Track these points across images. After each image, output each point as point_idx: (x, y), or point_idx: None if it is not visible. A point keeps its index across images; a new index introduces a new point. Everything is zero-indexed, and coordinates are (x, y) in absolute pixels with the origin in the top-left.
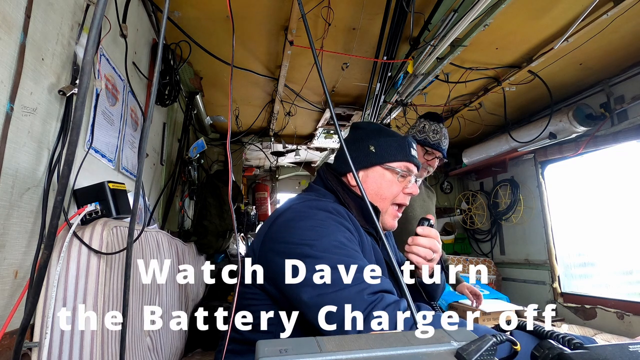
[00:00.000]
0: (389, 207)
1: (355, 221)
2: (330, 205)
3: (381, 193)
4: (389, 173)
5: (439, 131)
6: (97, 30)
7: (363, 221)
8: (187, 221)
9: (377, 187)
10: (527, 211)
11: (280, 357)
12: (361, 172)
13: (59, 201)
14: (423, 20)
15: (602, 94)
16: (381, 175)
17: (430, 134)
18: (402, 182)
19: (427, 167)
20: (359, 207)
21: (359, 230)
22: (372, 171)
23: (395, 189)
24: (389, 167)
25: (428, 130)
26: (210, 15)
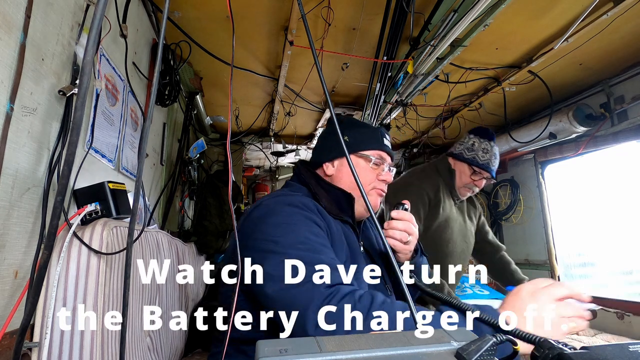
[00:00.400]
0: (370, 189)
1: (325, 212)
2: (299, 199)
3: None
4: (363, 161)
5: (489, 150)
6: (97, 30)
7: (337, 210)
8: (187, 221)
9: (351, 175)
10: (527, 211)
11: (280, 357)
12: (336, 161)
13: (59, 201)
14: (423, 20)
15: (602, 94)
16: (355, 164)
17: (480, 152)
18: (376, 170)
19: (472, 186)
20: (333, 197)
21: (327, 221)
22: (346, 160)
23: (369, 176)
24: (363, 155)
25: (477, 148)
26: (210, 15)
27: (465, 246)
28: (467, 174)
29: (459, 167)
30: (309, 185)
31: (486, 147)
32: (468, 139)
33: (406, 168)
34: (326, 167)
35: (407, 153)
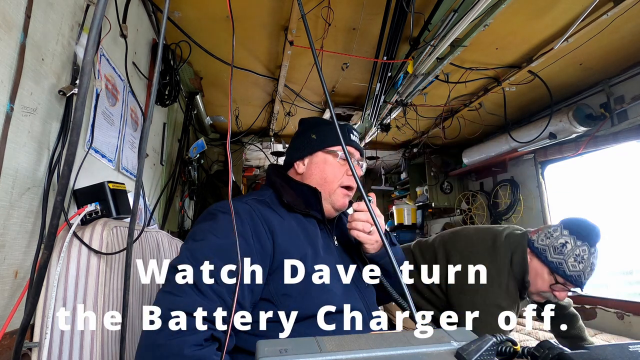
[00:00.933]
0: (336, 189)
1: (274, 211)
2: (237, 205)
3: (325, 176)
4: (331, 157)
5: (585, 258)
6: (97, 30)
7: (303, 206)
8: (187, 221)
9: (320, 172)
10: (527, 211)
11: (280, 357)
12: (306, 159)
13: (59, 201)
14: (423, 20)
15: (602, 94)
16: (323, 160)
17: (571, 259)
18: (345, 165)
19: (549, 296)
20: (299, 194)
21: (270, 219)
22: (315, 157)
23: (338, 172)
24: (330, 151)
25: (569, 252)
26: (210, 15)
27: None
28: (546, 281)
29: (536, 268)
30: (275, 185)
31: (582, 254)
32: (559, 234)
33: (406, 168)
34: (297, 165)
35: (407, 153)
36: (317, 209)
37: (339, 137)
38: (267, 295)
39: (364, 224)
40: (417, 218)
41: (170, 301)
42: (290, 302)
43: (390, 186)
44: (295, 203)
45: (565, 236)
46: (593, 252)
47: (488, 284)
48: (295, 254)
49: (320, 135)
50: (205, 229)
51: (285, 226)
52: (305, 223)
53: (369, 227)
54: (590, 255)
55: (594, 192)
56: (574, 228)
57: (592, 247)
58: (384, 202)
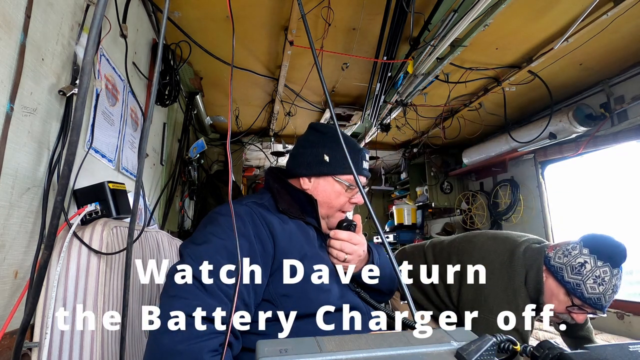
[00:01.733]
0: (335, 213)
1: (274, 215)
2: (238, 208)
3: (329, 202)
4: (339, 186)
5: (607, 281)
6: (97, 30)
7: (298, 212)
8: (187, 221)
9: (326, 196)
10: (527, 211)
11: (280, 357)
12: (313, 178)
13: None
14: (423, 20)
15: (602, 94)
16: (331, 186)
17: (590, 281)
18: (349, 193)
19: (567, 318)
20: (296, 200)
21: (271, 222)
22: (323, 180)
23: (342, 199)
24: (339, 180)
25: (588, 273)
26: (210, 15)
27: None
28: (563, 302)
29: (552, 288)
30: (272, 190)
31: (603, 276)
32: (578, 252)
33: (406, 168)
34: (302, 181)
35: (407, 153)
36: (313, 216)
37: (352, 165)
38: (267, 296)
39: (338, 252)
40: (417, 218)
41: (182, 305)
42: (290, 303)
43: (390, 186)
44: (290, 210)
45: (584, 255)
46: (616, 273)
47: (505, 304)
48: (295, 255)
49: (333, 159)
50: (207, 232)
51: (286, 229)
52: (304, 227)
53: (343, 255)
54: (613, 277)
55: (594, 192)
56: (595, 246)
57: (615, 268)
58: (384, 202)
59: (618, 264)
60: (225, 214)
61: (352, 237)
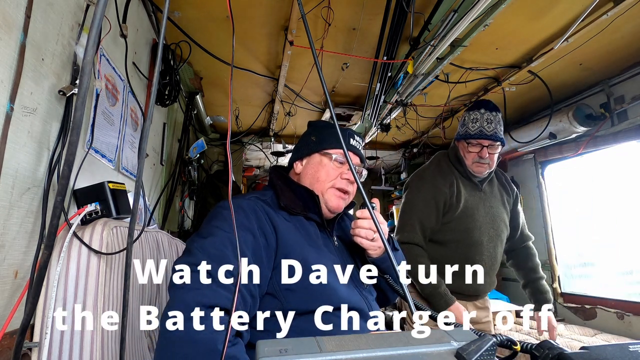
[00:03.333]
0: (327, 189)
1: (275, 211)
2: (240, 202)
3: (317, 176)
4: (326, 159)
5: (478, 118)
6: (97, 30)
7: (301, 208)
8: (187, 221)
9: (314, 172)
10: (527, 211)
11: (280, 357)
12: (304, 159)
13: (59, 201)
14: (423, 20)
15: (602, 94)
16: (319, 162)
17: (470, 124)
18: (340, 168)
19: (479, 160)
20: (298, 195)
21: (273, 217)
22: (311, 158)
23: (332, 172)
24: (326, 154)
25: (467, 121)
26: (210, 15)
27: (494, 233)
28: (467, 149)
29: (461, 147)
30: (275, 186)
31: (475, 117)
32: (461, 119)
33: (406, 168)
34: (296, 165)
35: (407, 153)
36: (316, 212)
37: (338, 140)
38: (271, 289)
39: (367, 231)
40: None
41: (194, 295)
42: (293, 297)
43: (390, 186)
44: (293, 205)
45: (463, 116)
46: (484, 112)
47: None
48: (298, 250)
49: (319, 137)
50: (213, 226)
51: (288, 225)
52: (306, 224)
53: (372, 234)
54: (482, 115)
55: (594, 192)
56: (468, 109)
57: (481, 109)
58: (384, 202)
59: (481, 106)
60: (229, 208)
61: (378, 216)
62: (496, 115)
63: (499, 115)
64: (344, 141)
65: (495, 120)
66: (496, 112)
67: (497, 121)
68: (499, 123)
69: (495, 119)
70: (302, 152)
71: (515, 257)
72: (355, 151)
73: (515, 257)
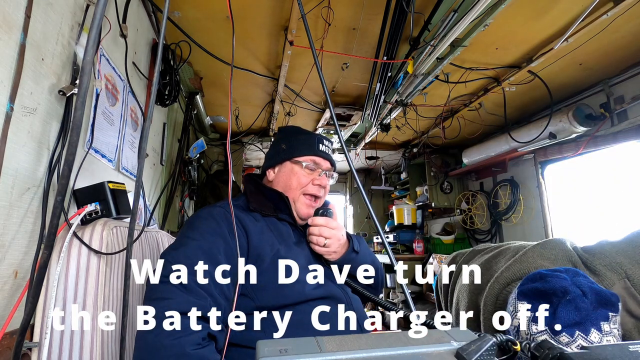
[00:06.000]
0: (299, 196)
1: (247, 214)
2: (210, 210)
3: (290, 184)
4: (297, 167)
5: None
6: (97, 30)
7: (272, 210)
8: None
9: (286, 179)
10: (527, 211)
11: (280, 357)
12: (276, 167)
13: (59, 201)
14: (423, 20)
15: (602, 94)
16: (290, 169)
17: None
18: (311, 174)
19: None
20: (269, 198)
21: (247, 220)
22: (283, 166)
23: (303, 179)
24: (296, 161)
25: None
26: (210, 15)
27: None
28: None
29: None
30: (246, 192)
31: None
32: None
33: (406, 168)
34: (268, 173)
35: (407, 153)
36: (287, 212)
37: (308, 147)
38: (244, 290)
39: (318, 238)
40: (417, 218)
41: (165, 305)
42: (265, 295)
43: (390, 186)
44: (263, 208)
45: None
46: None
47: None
48: (268, 250)
49: (289, 145)
50: (184, 236)
51: (258, 226)
52: (278, 224)
53: (323, 240)
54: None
55: (594, 192)
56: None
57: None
58: (384, 202)
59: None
60: (202, 216)
61: (329, 222)
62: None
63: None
64: (313, 147)
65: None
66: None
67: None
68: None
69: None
70: (273, 160)
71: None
72: (324, 156)
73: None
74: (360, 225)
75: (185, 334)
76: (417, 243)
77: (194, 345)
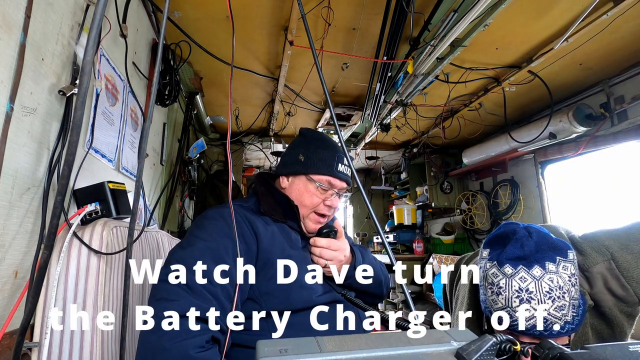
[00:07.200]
0: (309, 213)
1: (258, 217)
2: (220, 210)
3: (302, 200)
4: (311, 185)
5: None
6: (97, 30)
7: (281, 215)
8: (187, 221)
9: (299, 195)
10: (527, 211)
11: (280, 357)
12: (290, 177)
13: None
14: (423, 20)
15: (602, 94)
16: (304, 185)
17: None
18: (324, 194)
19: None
20: (279, 203)
21: (254, 224)
22: (297, 179)
23: (315, 199)
24: (311, 179)
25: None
26: (210, 15)
27: None
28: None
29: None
30: (257, 193)
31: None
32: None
33: (406, 168)
34: (282, 180)
35: (407, 153)
36: (295, 220)
37: (327, 167)
38: (251, 294)
39: (318, 259)
40: (417, 218)
41: (169, 306)
42: (273, 300)
43: (390, 186)
44: (273, 212)
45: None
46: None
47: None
48: (278, 255)
49: (307, 158)
50: (193, 236)
51: (268, 229)
52: (288, 230)
53: (323, 262)
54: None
55: (594, 192)
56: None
57: (503, 265)
58: (384, 202)
59: (503, 259)
60: (211, 217)
61: (331, 244)
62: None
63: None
64: (332, 167)
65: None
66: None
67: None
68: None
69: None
70: (289, 168)
71: None
72: (341, 177)
73: None
74: (360, 225)
75: (188, 337)
76: (417, 243)
77: (197, 349)
